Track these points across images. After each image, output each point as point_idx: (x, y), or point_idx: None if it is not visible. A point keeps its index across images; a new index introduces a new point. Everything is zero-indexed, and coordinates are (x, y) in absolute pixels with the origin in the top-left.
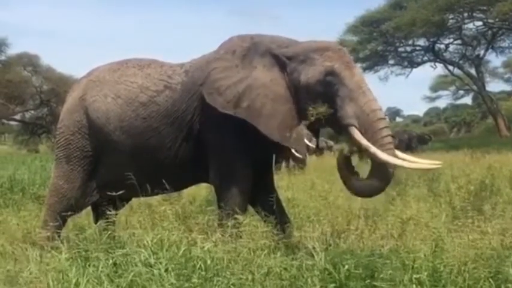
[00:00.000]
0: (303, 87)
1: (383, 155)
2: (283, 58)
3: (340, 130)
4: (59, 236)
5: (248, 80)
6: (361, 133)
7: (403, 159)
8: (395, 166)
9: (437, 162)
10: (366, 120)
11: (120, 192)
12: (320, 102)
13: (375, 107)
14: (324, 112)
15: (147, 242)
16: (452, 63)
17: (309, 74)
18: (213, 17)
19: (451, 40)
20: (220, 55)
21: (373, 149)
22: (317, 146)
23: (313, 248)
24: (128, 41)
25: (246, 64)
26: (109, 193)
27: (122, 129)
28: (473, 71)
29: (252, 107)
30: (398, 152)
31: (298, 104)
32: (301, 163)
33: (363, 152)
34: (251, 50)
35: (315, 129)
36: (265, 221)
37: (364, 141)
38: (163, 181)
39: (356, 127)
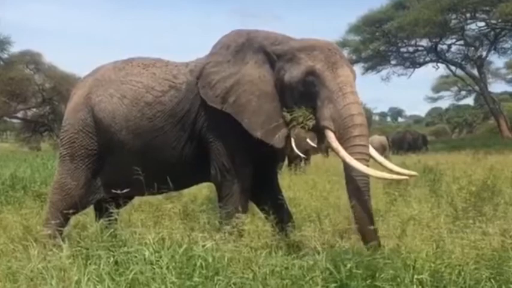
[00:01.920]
0: (287, 86)
1: (351, 160)
2: (273, 56)
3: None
4: (60, 234)
5: (237, 76)
6: (336, 136)
7: (373, 170)
8: (363, 172)
9: (406, 172)
10: (341, 124)
11: (125, 190)
12: (302, 102)
13: (353, 112)
14: (301, 117)
15: (149, 240)
16: (454, 64)
17: (293, 73)
18: (216, 17)
19: (454, 41)
20: (216, 50)
21: (342, 153)
22: (318, 146)
23: (315, 247)
24: (130, 40)
25: (238, 60)
26: (113, 191)
27: (128, 129)
28: (475, 72)
29: (238, 103)
30: (377, 156)
31: (284, 103)
32: (300, 161)
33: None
34: (245, 45)
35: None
36: (267, 220)
37: (334, 144)
38: (168, 180)
39: (331, 130)
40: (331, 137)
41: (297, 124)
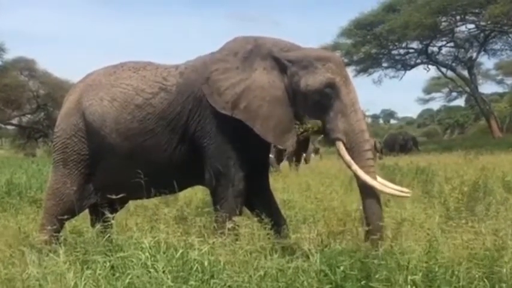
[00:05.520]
0: (302, 92)
1: (362, 175)
2: (284, 61)
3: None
4: (56, 240)
5: (247, 82)
6: (347, 149)
7: (380, 183)
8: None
9: (406, 190)
10: (354, 138)
11: (118, 195)
12: (313, 110)
13: (363, 127)
14: (311, 128)
15: (145, 244)
16: (445, 66)
17: (309, 81)
18: (214, 21)
19: (444, 43)
20: (223, 56)
21: (354, 166)
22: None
23: (309, 249)
24: (126, 45)
25: (247, 66)
26: (106, 196)
27: (118, 131)
28: (466, 73)
29: (249, 108)
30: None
31: (295, 108)
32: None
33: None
34: (253, 52)
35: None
36: (261, 223)
37: (347, 158)
38: (160, 183)
39: (343, 142)
40: (343, 149)
41: (310, 133)
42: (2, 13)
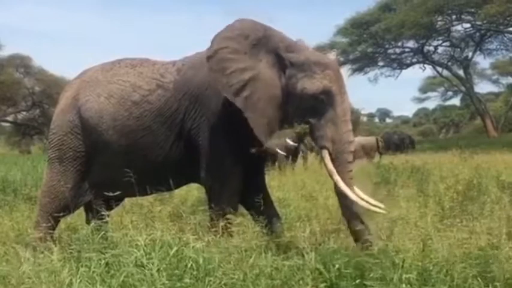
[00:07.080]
0: (298, 95)
1: (342, 186)
2: (286, 61)
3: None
4: (51, 237)
5: (254, 71)
6: (331, 157)
7: (356, 195)
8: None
9: (380, 205)
10: (340, 148)
11: (113, 192)
12: (304, 113)
13: (351, 139)
14: (301, 131)
15: (140, 242)
16: (441, 65)
17: (306, 85)
18: (209, 17)
19: (440, 42)
20: (234, 35)
21: (336, 177)
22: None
23: (304, 247)
24: (122, 42)
25: (253, 54)
26: (102, 193)
27: (115, 128)
28: (461, 73)
29: (249, 99)
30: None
31: (287, 109)
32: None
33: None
34: (261, 41)
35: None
36: (256, 221)
37: (330, 167)
38: (156, 181)
39: (329, 151)
40: (327, 158)
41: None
42: None
